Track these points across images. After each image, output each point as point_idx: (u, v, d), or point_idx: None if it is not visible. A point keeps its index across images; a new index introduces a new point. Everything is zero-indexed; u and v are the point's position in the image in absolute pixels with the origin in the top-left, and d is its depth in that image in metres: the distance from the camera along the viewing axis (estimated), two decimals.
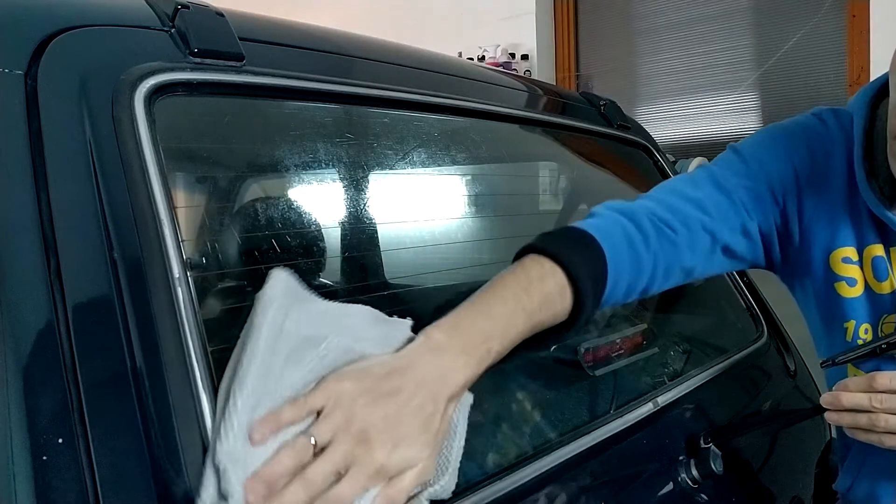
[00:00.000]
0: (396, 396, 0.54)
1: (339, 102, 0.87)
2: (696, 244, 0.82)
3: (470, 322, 0.62)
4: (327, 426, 0.52)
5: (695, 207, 0.83)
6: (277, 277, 0.59)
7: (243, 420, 0.50)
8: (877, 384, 0.74)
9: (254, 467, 0.49)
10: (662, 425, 0.98)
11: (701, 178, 0.87)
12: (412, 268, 1.00)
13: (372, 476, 0.52)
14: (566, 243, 0.73)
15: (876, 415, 0.74)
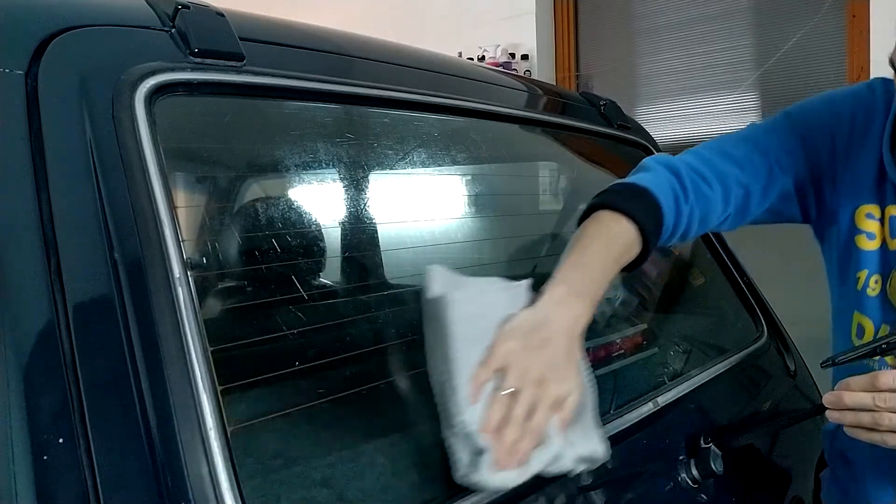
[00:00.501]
0: (549, 344, 0.72)
1: (339, 102, 0.87)
2: (729, 198, 0.93)
3: (580, 276, 0.79)
4: (512, 378, 0.69)
5: (732, 164, 0.93)
6: (435, 274, 0.76)
7: (466, 393, 0.67)
8: (880, 383, 0.74)
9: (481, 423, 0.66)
10: (662, 425, 0.98)
11: (744, 136, 0.98)
12: (412, 268, 1.00)
13: (551, 406, 0.70)
14: (633, 200, 0.86)
15: (880, 413, 0.74)
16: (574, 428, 0.73)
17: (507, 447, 0.67)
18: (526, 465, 0.68)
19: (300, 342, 0.72)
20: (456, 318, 0.71)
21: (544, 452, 0.69)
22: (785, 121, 0.99)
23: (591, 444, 0.74)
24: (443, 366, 0.70)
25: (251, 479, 0.59)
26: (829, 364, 0.86)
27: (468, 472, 0.66)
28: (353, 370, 0.77)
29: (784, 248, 2.11)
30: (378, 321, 0.85)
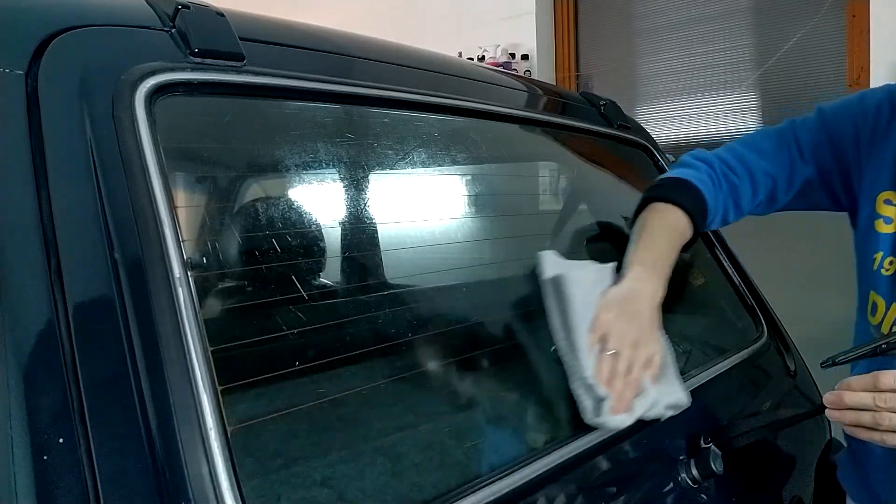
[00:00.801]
0: (638, 315, 0.90)
1: (339, 102, 0.87)
2: (757, 186, 1.07)
3: (652, 257, 0.96)
4: (613, 342, 0.85)
5: (759, 156, 1.07)
6: (547, 259, 0.94)
7: (586, 354, 0.84)
8: (881, 383, 0.75)
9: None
10: (662, 425, 0.98)
11: (776, 130, 1.10)
12: (412, 268, 1.00)
13: (644, 365, 0.87)
14: (681, 192, 1.04)
15: (880, 413, 0.75)
16: (662, 382, 0.90)
17: (617, 396, 0.83)
18: (631, 411, 0.84)
19: (300, 342, 0.72)
20: (573, 293, 0.89)
21: (643, 401, 0.86)
22: (817, 116, 1.08)
23: (677, 395, 0.92)
24: (565, 332, 0.87)
25: (251, 479, 0.59)
26: (830, 364, 0.86)
27: (593, 417, 0.83)
28: (353, 370, 0.77)
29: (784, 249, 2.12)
30: (378, 321, 0.85)
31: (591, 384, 0.83)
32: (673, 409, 0.91)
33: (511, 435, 0.87)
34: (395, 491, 0.71)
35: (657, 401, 0.88)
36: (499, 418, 0.89)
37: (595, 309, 0.88)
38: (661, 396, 0.89)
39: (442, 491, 0.70)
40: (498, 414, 0.90)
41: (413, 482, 0.73)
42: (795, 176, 1.07)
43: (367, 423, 0.76)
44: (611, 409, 0.82)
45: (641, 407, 0.85)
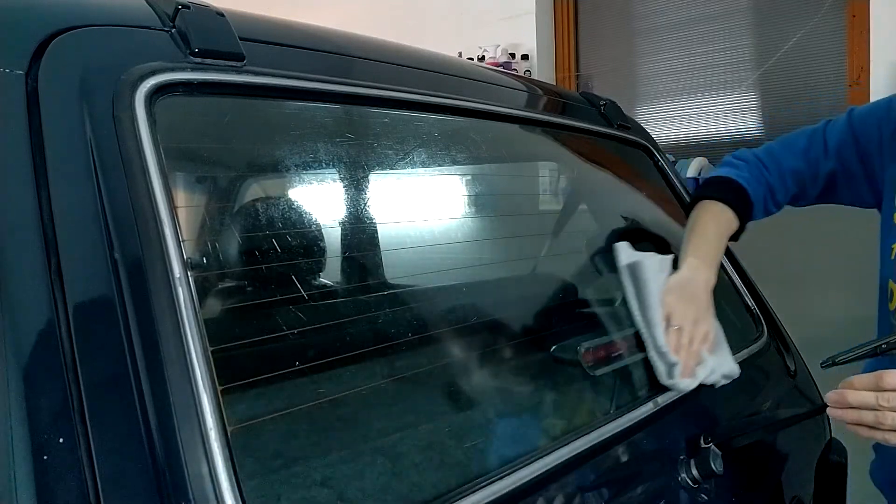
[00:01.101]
0: (696, 298, 1.07)
1: (339, 102, 0.87)
2: (786, 181, 1.21)
3: (704, 249, 1.13)
4: (677, 319, 1.02)
5: (791, 155, 1.21)
6: (622, 249, 1.09)
7: (659, 328, 1.01)
8: (885, 383, 0.75)
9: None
10: (662, 425, 0.98)
11: (809, 130, 1.22)
12: (412, 268, 1.00)
13: (702, 340, 1.04)
14: (727, 190, 1.19)
15: (882, 413, 0.75)
16: (717, 354, 1.07)
17: (682, 364, 1.00)
18: (694, 377, 1.01)
19: (300, 342, 0.72)
20: (648, 277, 1.05)
21: (703, 369, 1.03)
22: (846, 116, 1.18)
23: (730, 365, 1.09)
24: (641, 309, 1.03)
25: (251, 479, 0.59)
26: (829, 364, 0.86)
27: (667, 379, 0.99)
28: (353, 370, 0.77)
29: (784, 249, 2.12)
30: (378, 321, 0.85)
31: (664, 352, 1.00)
32: (726, 378, 1.08)
33: (511, 435, 0.87)
34: (395, 491, 0.71)
35: (714, 369, 1.05)
36: (498, 418, 0.89)
37: (661, 293, 1.05)
38: (717, 366, 1.06)
39: (442, 491, 0.70)
40: (497, 414, 0.90)
41: (413, 482, 0.73)
42: (820, 172, 1.18)
43: (367, 423, 0.76)
44: (679, 373, 0.99)
45: (702, 374, 1.02)
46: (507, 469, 0.75)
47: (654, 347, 1.00)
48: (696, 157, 2.71)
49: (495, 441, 0.84)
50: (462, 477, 0.74)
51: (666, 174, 1.47)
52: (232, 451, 0.54)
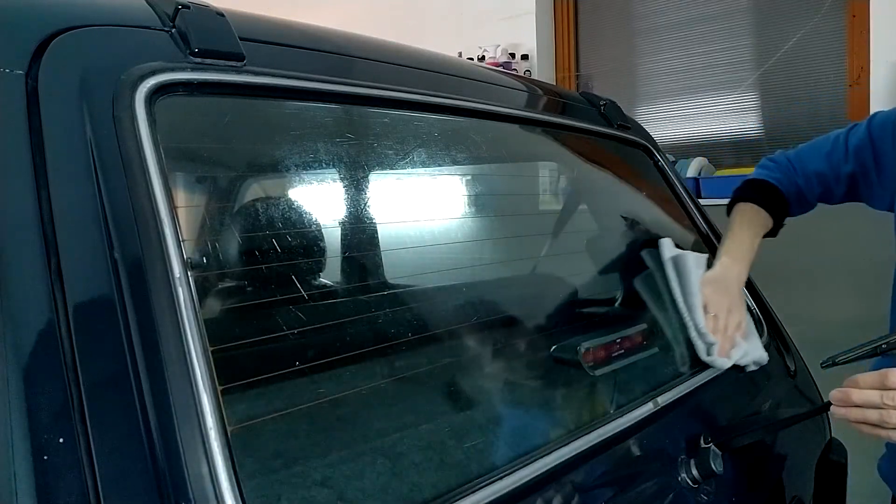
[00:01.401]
0: (730, 290, 1.19)
1: (339, 102, 0.87)
2: (812, 184, 1.32)
3: (737, 247, 1.26)
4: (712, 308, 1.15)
5: (816, 158, 1.31)
6: (666, 244, 1.22)
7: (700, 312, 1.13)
8: (890, 381, 0.75)
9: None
10: (662, 425, 0.98)
11: (836, 135, 1.31)
12: (412, 268, 1.00)
13: (735, 327, 1.17)
14: (762, 192, 1.33)
15: (887, 411, 0.75)
16: (749, 341, 1.21)
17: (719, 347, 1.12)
18: (729, 357, 1.15)
19: (300, 342, 0.72)
20: (690, 268, 1.17)
21: (737, 351, 1.17)
22: (867, 121, 1.26)
23: (760, 352, 1.23)
24: (684, 296, 1.16)
25: (251, 479, 0.59)
26: (830, 364, 0.86)
27: (706, 356, 1.12)
28: (353, 370, 0.77)
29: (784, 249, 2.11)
30: (378, 321, 0.85)
31: (704, 332, 1.13)
32: (756, 364, 1.22)
33: (511, 435, 0.87)
34: (395, 491, 0.71)
35: (746, 353, 1.18)
36: (498, 418, 0.89)
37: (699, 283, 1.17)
38: (749, 351, 1.20)
39: (442, 491, 0.70)
40: (497, 414, 0.90)
41: (413, 482, 0.73)
42: (841, 174, 1.28)
43: (367, 423, 0.76)
44: (717, 352, 1.13)
45: (735, 355, 1.16)
46: (507, 469, 0.75)
47: (694, 329, 1.14)
48: (696, 157, 2.71)
49: (495, 441, 0.84)
50: (462, 477, 0.74)
51: (666, 174, 1.47)
52: (232, 451, 0.54)
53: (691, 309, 1.14)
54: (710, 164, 2.75)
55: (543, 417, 0.94)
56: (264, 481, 0.63)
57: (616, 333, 1.09)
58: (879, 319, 1.25)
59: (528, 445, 0.84)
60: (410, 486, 0.72)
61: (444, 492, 0.70)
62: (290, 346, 0.71)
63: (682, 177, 1.83)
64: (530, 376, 0.99)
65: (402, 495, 0.71)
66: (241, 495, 0.53)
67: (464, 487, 0.70)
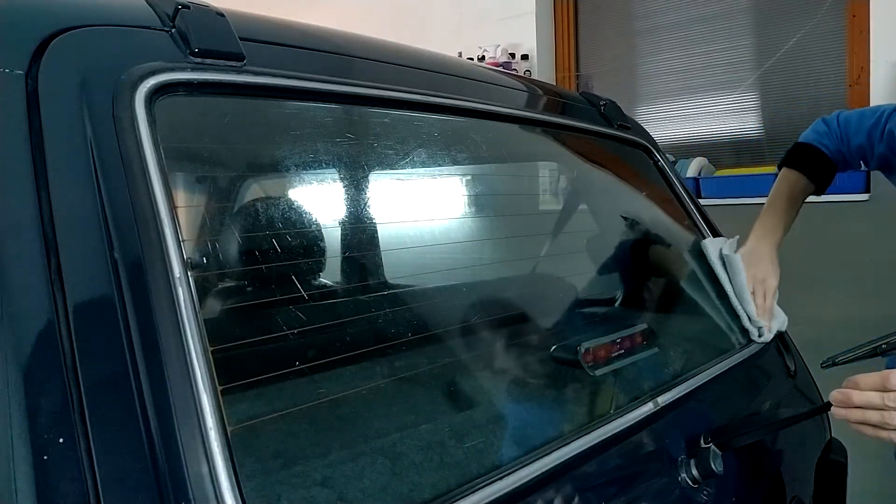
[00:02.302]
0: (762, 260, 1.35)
1: (339, 102, 0.87)
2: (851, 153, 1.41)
3: (770, 221, 1.40)
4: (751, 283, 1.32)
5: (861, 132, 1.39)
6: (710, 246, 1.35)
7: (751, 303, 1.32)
8: (891, 383, 0.74)
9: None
10: (662, 425, 0.98)
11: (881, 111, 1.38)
12: (412, 268, 1.00)
13: (772, 294, 1.34)
14: (813, 163, 1.44)
15: (889, 412, 0.74)
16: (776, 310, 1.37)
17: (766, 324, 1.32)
18: (772, 331, 1.33)
19: (300, 342, 0.72)
20: (739, 266, 1.32)
21: (776, 322, 1.35)
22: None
23: (783, 317, 1.38)
24: (736, 292, 1.32)
25: (251, 479, 0.59)
26: (830, 364, 0.86)
27: (758, 338, 1.31)
28: (353, 370, 0.77)
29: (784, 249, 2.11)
30: (378, 321, 0.85)
31: (755, 319, 1.31)
32: (781, 327, 1.37)
33: (511, 435, 0.87)
34: (395, 491, 0.71)
35: (783, 321, 1.36)
36: (498, 418, 0.89)
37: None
38: (779, 318, 1.36)
39: (442, 491, 0.70)
40: (497, 414, 0.90)
41: (413, 482, 0.73)
42: (875, 153, 1.37)
43: (367, 423, 0.76)
44: (766, 331, 1.31)
45: (775, 326, 1.34)
46: (507, 469, 0.75)
47: (748, 320, 1.32)
48: (696, 157, 2.71)
49: (495, 441, 0.84)
50: (462, 477, 0.74)
51: (666, 174, 1.47)
52: (232, 451, 0.54)
53: (743, 302, 1.31)
54: (710, 164, 2.75)
55: (543, 417, 0.94)
56: (264, 481, 0.63)
57: (616, 333, 1.09)
58: (879, 319, 1.25)
59: (528, 445, 0.84)
60: (410, 486, 0.72)
61: (444, 492, 0.70)
62: (289, 346, 0.71)
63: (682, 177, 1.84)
64: (530, 376, 0.99)
65: (402, 495, 0.71)
66: (240, 495, 0.53)
67: (464, 487, 0.70)
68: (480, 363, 0.93)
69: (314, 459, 0.69)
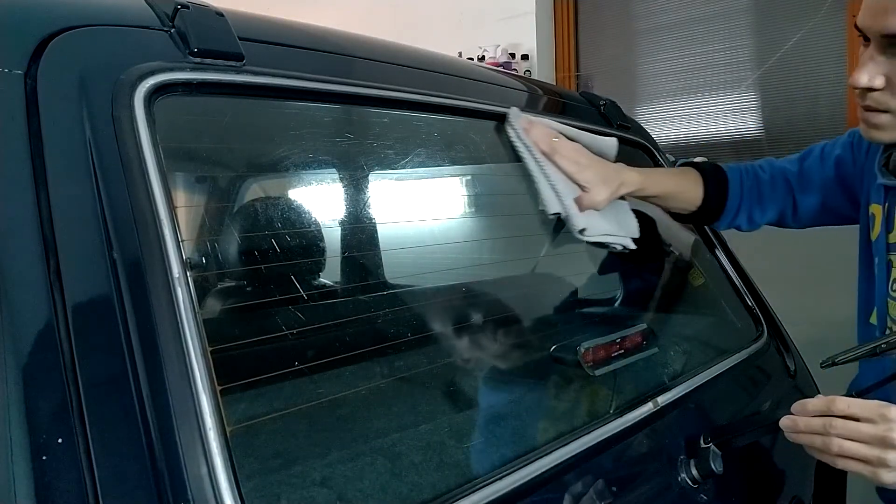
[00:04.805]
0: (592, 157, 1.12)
1: (339, 102, 0.87)
2: (776, 186, 1.21)
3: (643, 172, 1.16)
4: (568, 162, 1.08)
5: (788, 163, 1.22)
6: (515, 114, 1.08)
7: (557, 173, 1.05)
8: (835, 408, 0.77)
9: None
10: (662, 425, 0.98)
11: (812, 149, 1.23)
12: (412, 268, 1.00)
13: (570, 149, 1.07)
14: (707, 165, 1.24)
15: (829, 438, 0.77)
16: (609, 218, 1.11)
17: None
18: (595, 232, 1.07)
19: (300, 342, 0.72)
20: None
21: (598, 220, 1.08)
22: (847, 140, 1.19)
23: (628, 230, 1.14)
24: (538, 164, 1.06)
25: (250, 479, 0.59)
26: (830, 364, 0.86)
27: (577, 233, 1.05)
28: (353, 370, 0.77)
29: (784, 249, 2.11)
30: (377, 321, 0.85)
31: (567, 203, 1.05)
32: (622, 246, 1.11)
33: (511, 435, 0.87)
34: (394, 491, 0.70)
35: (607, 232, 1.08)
36: (498, 418, 0.89)
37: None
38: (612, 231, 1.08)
39: (442, 491, 0.70)
40: (497, 414, 0.90)
41: (413, 482, 0.73)
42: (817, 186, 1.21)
43: (367, 423, 0.76)
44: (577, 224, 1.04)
45: (600, 227, 1.06)
46: (507, 469, 0.75)
47: (549, 186, 1.05)
48: (695, 157, 2.71)
49: (495, 441, 0.84)
50: (462, 477, 0.74)
51: None
52: (231, 452, 0.54)
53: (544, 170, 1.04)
54: None
55: (543, 417, 0.94)
56: (263, 481, 0.63)
57: (616, 333, 1.08)
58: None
59: (528, 445, 0.84)
60: (410, 486, 0.72)
61: (444, 492, 0.70)
62: (289, 346, 0.71)
63: None
64: (530, 376, 0.99)
65: (402, 495, 0.71)
66: (240, 495, 0.53)
67: (464, 487, 0.70)
68: (480, 363, 0.93)
69: (313, 459, 0.69)
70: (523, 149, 1.04)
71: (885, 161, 1.04)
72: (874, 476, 0.76)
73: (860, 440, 0.76)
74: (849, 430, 0.77)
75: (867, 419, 0.76)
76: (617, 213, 1.11)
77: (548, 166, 1.04)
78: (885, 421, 0.75)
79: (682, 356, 1.20)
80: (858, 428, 0.76)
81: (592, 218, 1.05)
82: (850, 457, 0.77)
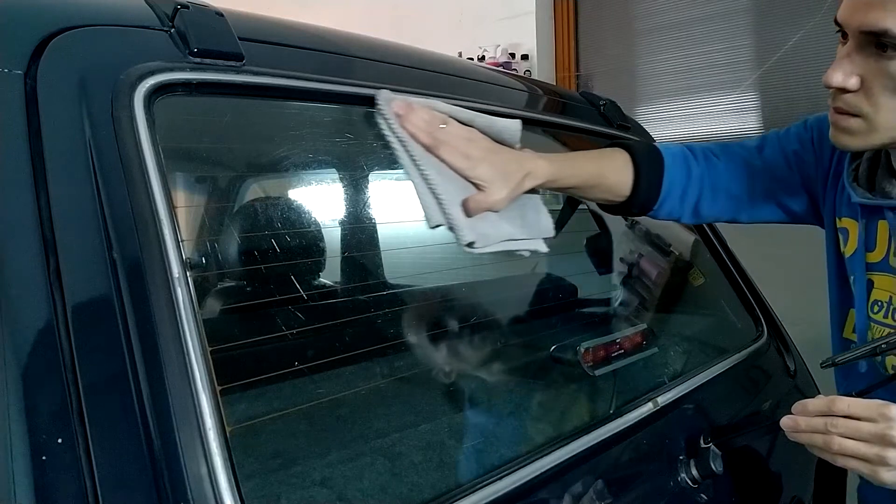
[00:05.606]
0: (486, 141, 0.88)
1: (339, 102, 0.87)
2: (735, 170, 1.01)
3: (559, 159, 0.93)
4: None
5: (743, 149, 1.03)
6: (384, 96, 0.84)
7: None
8: (835, 408, 0.77)
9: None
10: (662, 425, 0.98)
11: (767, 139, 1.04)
12: (411, 268, 1.00)
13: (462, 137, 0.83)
14: (638, 144, 1.00)
15: (830, 437, 0.77)
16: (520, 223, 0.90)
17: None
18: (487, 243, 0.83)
19: (299, 342, 0.72)
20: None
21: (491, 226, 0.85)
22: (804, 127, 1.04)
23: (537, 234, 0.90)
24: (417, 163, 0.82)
25: (250, 479, 0.59)
26: (830, 364, 0.86)
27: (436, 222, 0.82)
28: (352, 370, 0.77)
29: (784, 249, 2.11)
30: (377, 321, 0.85)
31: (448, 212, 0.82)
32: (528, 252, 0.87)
33: (511, 435, 0.87)
34: (394, 491, 0.71)
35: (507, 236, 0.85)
36: (498, 418, 0.89)
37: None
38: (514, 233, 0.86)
39: (442, 491, 0.70)
40: (497, 414, 0.90)
41: (413, 482, 0.73)
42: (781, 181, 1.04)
43: (367, 423, 0.76)
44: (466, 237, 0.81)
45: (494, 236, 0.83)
46: (507, 469, 0.75)
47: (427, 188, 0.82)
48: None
49: (495, 441, 0.84)
50: (462, 477, 0.74)
51: None
52: (231, 452, 0.54)
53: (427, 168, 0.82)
54: None
55: (543, 417, 0.94)
56: (263, 481, 0.63)
57: (616, 333, 1.08)
58: None
59: (528, 445, 0.84)
60: (410, 486, 0.72)
61: (444, 492, 0.70)
62: (288, 346, 0.71)
63: None
64: (530, 376, 0.99)
65: (402, 495, 0.71)
66: (240, 496, 0.53)
67: (464, 487, 0.70)
68: (480, 363, 0.93)
69: (313, 459, 0.69)
70: (396, 143, 0.80)
71: (854, 174, 0.94)
72: (874, 474, 0.76)
73: (860, 438, 0.76)
74: (849, 429, 0.77)
75: (867, 418, 0.76)
76: (523, 212, 0.89)
77: (428, 164, 0.81)
78: (885, 419, 0.75)
79: (682, 356, 1.20)
80: (858, 426, 0.76)
81: (486, 224, 0.83)
82: (849, 455, 0.77)
